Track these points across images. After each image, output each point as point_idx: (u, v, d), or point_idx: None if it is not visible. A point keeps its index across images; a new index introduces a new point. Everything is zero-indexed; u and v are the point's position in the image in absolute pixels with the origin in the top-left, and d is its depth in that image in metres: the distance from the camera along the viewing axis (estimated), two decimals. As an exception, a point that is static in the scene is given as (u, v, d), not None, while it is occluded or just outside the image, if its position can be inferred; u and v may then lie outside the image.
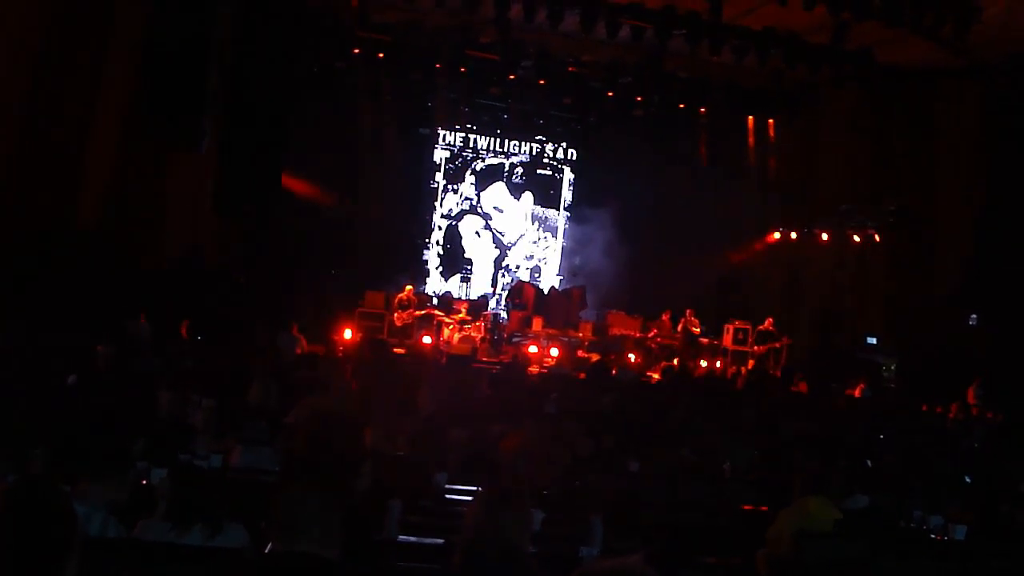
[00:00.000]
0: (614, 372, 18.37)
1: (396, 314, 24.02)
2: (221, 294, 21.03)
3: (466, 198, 29.15)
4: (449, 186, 28.98)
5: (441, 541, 6.55)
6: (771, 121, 27.98)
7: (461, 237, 29.14)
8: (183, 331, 18.37)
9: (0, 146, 18.10)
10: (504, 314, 26.54)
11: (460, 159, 29.00)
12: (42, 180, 18.64)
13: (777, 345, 24.51)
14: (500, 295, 28.56)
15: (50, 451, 6.69)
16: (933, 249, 24.43)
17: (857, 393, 19.91)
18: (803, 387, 20.31)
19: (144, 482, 7.21)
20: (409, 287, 24.61)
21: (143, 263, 20.15)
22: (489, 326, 24.60)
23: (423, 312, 24.40)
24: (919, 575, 7.08)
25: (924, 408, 18.71)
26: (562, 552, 6.64)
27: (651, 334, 25.36)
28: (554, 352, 23.46)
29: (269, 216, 23.95)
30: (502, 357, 22.40)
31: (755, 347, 24.85)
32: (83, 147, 19.64)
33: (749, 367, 23.21)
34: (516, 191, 29.53)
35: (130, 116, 20.28)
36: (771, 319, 24.97)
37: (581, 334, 25.45)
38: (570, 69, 25.29)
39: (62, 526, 3.69)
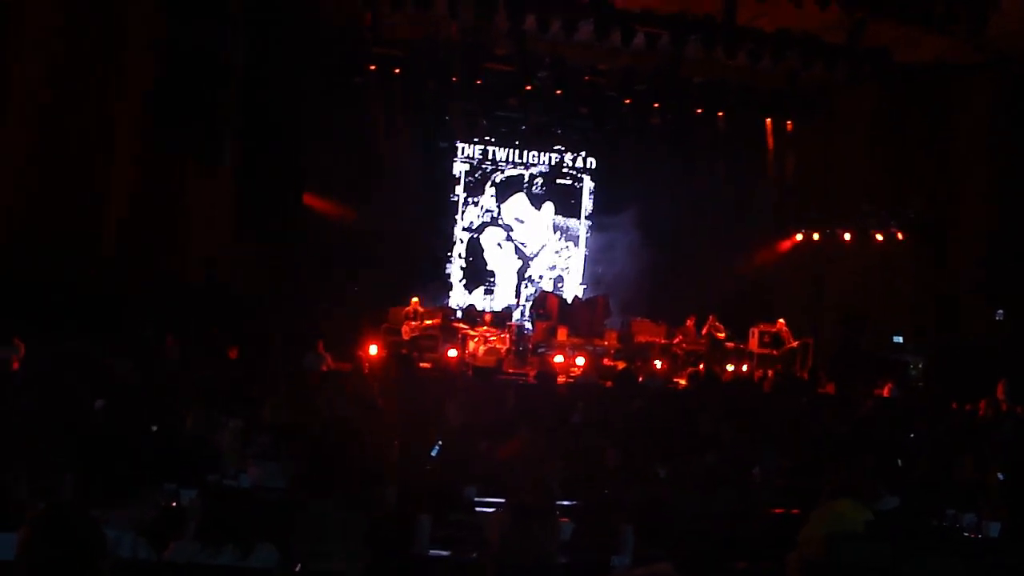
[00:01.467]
0: (641, 379, 18.34)
1: (403, 327, 23.99)
2: (243, 313, 21.09)
3: (487, 210, 29.17)
4: (469, 199, 29.02)
5: (473, 556, 6.54)
6: (789, 123, 27.94)
7: (483, 249, 29.16)
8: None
9: (20, 167, 18.21)
10: (529, 325, 26.52)
11: (479, 171, 29.03)
12: (62, 200, 18.73)
13: (795, 345, 24.41)
14: (524, 306, 28.54)
15: (79, 476, 6.71)
16: (957, 246, 24.32)
17: (885, 393, 19.79)
18: (830, 388, 20.23)
19: (174, 504, 7.23)
20: (415, 299, 24.53)
21: (164, 282, 20.22)
22: (514, 337, 24.57)
23: (431, 323, 24.31)
24: (953, 574, 7.03)
25: (953, 406, 18.59)
26: (594, 561, 6.63)
27: (676, 340, 25.30)
28: (580, 361, 23.36)
29: (290, 233, 23.99)
30: (528, 368, 22.38)
31: (772, 351, 24.79)
32: (103, 167, 19.74)
33: (778, 369, 23.15)
34: (537, 201, 29.53)
35: (149, 135, 20.37)
36: (782, 321, 24.91)
37: (606, 342, 25.42)
38: (586, 78, 25.32)
39: (92, 551, 3.70)
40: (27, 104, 18.23)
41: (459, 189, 28.92)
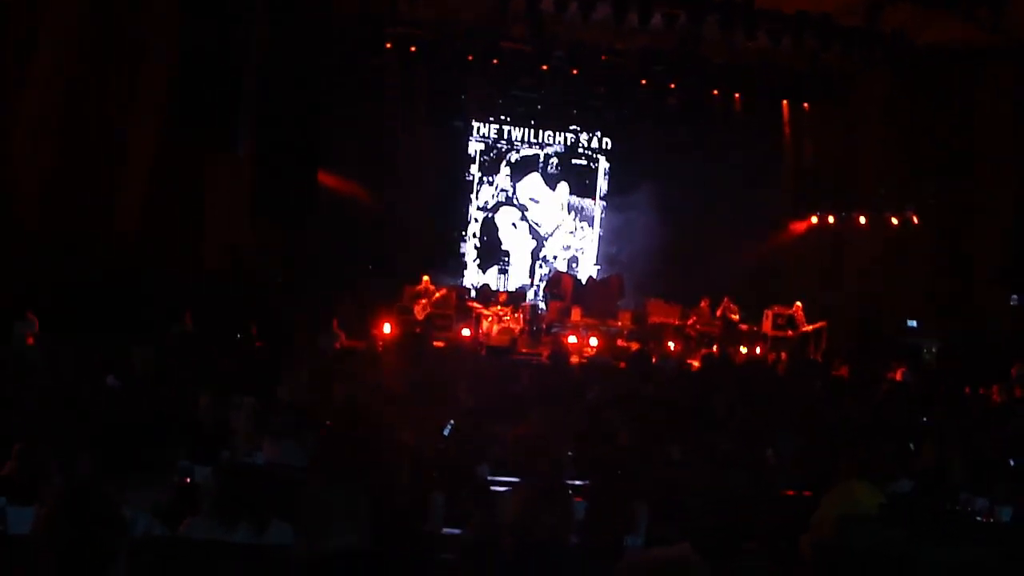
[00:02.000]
0: (654, 360, 18.33)
1: (415, 305, 23.94)
2: (261, 294, 21.13)
3: (502, 190, 29.14)
4: (484, 178, 28.98)
5: (486, 535, 6.55)
6: (806, 105, 27.86)
7: (498, 229, 29.14)
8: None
9: (40, 154, 18.27)
10: (543, 305, 26.51)
11: (495, 151, 28.98)
12: (81, 186, 18.80)
13: (809, 329, 24.35)
14: (538, 286, 28.53)
15: (95, 455, 6.72)
16: (972, 231, 24.26)
17: (899, 377, 19.77)
18: (844, 372, 20.20)
19: (188, 480, 7.25)
20: (426, 277, 24.40)
21: (182, 266, 20.28)
22: (528, 317, 24.55)
23: (440, 295, 24.26)
24: (965, 557, 7.04)
25: (967, 390, 18.56)
26: (607, 541, 6.64)
27: (690, 321, 25.24)
28: (593, 342, 23.32)
29: (307, 214, 24.00)
30: (541, 348, 22.37)
31: (788, 332, 24.75)
32: (121, 153, 19.81)
33: (790, 352, 23.13)
34: (552, 181, 29.49)
35: (167, 120, 20.40)
36: (799, 304, 24.83)
37: (620, 323, 25.39)
38: (603, 58, 25.28)
39: (111, 530, 3.72)
40: (47, 91, 18.30)
41: (474, 168, 28.88)
